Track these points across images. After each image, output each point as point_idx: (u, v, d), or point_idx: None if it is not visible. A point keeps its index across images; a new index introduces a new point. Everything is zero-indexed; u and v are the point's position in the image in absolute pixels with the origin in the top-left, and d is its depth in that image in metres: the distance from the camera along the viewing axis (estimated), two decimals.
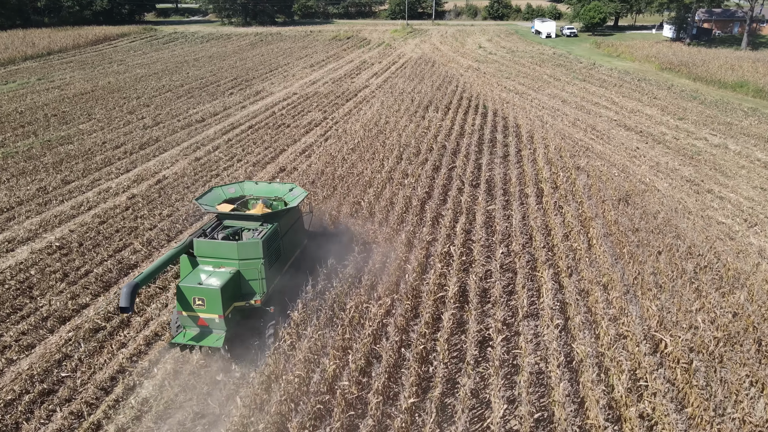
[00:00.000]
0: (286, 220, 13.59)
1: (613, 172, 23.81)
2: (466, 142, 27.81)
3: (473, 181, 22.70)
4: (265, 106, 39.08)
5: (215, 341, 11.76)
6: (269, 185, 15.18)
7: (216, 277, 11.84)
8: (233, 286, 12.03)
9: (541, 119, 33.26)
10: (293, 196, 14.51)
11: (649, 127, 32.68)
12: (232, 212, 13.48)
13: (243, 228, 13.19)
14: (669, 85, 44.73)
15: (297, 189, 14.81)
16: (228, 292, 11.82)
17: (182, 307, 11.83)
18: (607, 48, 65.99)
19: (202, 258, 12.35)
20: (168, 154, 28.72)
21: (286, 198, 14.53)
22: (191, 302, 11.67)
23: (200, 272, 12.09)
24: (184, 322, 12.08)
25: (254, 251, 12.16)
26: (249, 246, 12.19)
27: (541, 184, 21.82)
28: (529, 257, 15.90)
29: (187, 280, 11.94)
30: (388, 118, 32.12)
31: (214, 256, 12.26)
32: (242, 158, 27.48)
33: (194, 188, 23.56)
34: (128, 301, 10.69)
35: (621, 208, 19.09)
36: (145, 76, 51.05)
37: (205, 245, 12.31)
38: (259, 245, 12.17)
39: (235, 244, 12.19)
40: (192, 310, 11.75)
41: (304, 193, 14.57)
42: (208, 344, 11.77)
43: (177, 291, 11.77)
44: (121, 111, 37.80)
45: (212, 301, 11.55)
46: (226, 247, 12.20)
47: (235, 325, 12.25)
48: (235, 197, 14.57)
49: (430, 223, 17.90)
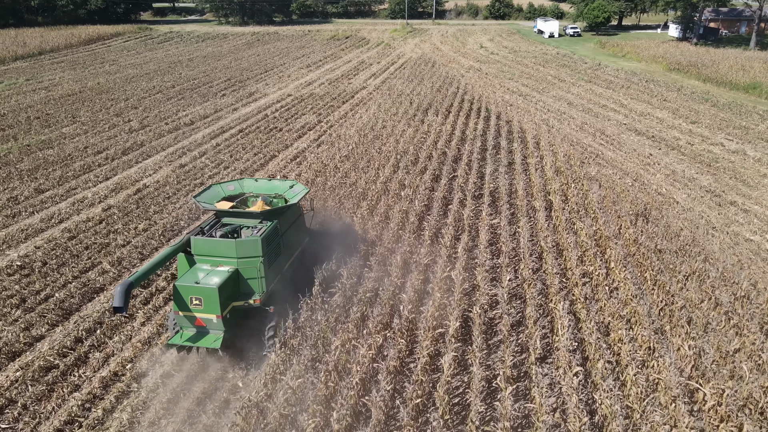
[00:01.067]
0: (286, 218, 13.23)
1: (627, 182, 22.04)
2: (468, 149, 26.01)
3: (476, 193, 20.90)
4: (258, 108, 37.37)
5: (213, 342, 11.39)
6: (269, 182, 14.77)
7: (214, 276, 11.48)
8: (231, 285, 11.68)
9: (547, 123, 31.51)
10: (294, 193, 14.08)
11: (660, 131, 30.92)
12: (231, 210, 13.10)
13: (242, 226, 12.87)
14: (678, 87, 42.95)
15: (298, 186, 14.40)
16: (226, 291, 11.47)
17: (179, 307, 11.47)
18: (612, 48, 64.21)
19: (200, 256, 12.03)
20: (151, 161, 27.01)
21: (287, 195, 14.12)
22: (188, 302, 11.32)
23: (198, 271, 11.74)
24: (181, 322, 11.70)
25: (253, 249, 11.82)
26: (248, 244, 11.85)
27: (550, 196, 19.99)
28: (540, 285, 14.15)
29: (184, 278, 11.57)
30: (385, 122, 30.33)
31: (212, 255, 11.93)
32: (229, 165, 25.76)
33: (175, 198, 21.85)
34: (122, 301, 10.36)
35: (639, 225, 17.31)
36: (136, 76, 49.37)
37: (203, 243, 11.97)
38: (258, 243, 11.81)
39: (233, 242, 11.83)
40: (189, 310, 11.41)
41: (305, 189, 14.16)
42: (205, 345, 11.40)
43: (173, 290, 11.40)
44: (107, 113, 36.11)
45: (210, 301, 11.20)
46: (225, 245, 11.86)
47: (234, 325, 11.86)
48: (234, 194, 14.18)
49: (429, 241, 16.14)
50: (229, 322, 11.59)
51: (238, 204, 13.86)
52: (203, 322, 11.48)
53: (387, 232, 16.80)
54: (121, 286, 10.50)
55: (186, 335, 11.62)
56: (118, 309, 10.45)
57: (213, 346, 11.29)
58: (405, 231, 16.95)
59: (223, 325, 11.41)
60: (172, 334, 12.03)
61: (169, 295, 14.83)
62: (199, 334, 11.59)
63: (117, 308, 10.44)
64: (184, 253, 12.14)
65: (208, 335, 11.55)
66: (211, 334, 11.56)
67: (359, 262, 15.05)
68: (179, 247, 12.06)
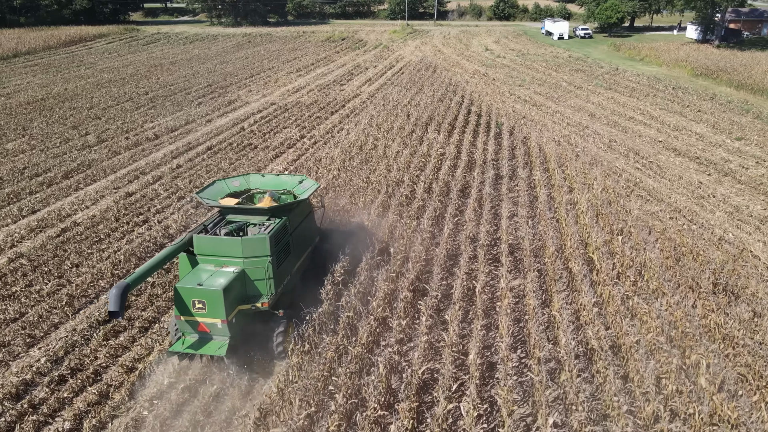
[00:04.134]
0: (295, 215, 12.43)
1: (681, 225, 17.27)
2: (477, 179, 20.82)
3: (490, 249, 15.40)
4: (235, 119, 32.83)
5: (217, 349, 10.59)
6: (277, 177, 14.16)
7: (218, 277, 10.75)
8: (237, 287, 10.95)
9: (569, 140, 26.81)
10: (303, 188, 13.33)
11: (704, 150, 26.19)
12: (237, 206, 12.33)
13: (248, 223, 12.13)
14: (710, 95, 38.21)
15: (307, 181, 13.68)
16: (231, 294, 10.70)
17: (180, 312, 10.74)
18: (628, 51, 59.51)
19: (203, 256, 11.33)
20: (95, 187, 22.46)
21: (296, 191, 13.41)
22: (190, 306, 10.59)
23: (200, 272, 11.04)
24: (183, 327, 10.94)
25: (261, 248, 11.10)
26: (255, 242, 11.14)
27: (591, 252, 14.96)
28: (601, 429, 9.32)
29: (186, 280, 10.84)
30: (376, 141, 25.50)
31: (216, 254, 11.23)
32: (185, 195, 21.17)
33: (104, 243, 17.24)
34: (118, 304, 9.60)
35: (722, 302, 12.49)
36: (109, 81, 45.06)
37: (206, 242, 11.28)
38: (266, 241, 11.09)
39: (239, 241, 11.15)
40: (191, 315, 10.67)
41: (316, 185, 13.44)
42: (209, 353, 10.60)
43: (174, 293, 10.68)
44: (63, 125, 31.69)
45: (214, 305, 10.45)
46: (230, 244, 11.16)
47: (240, 331, 11.01)
48: (239, 191, 13.45)
49: (425, 342, 11.23)
50: (234, 328, 10.76)
51: (243, 201, 13.03)
52: (207, 328, 10.73)
53: (365, 323, 11.86)
54: (117, 289, 9.66)
55: (188, 342, 10.82)
56: (113, 314, 9.69)
57: (218, 353, 10.50)
58: (393, 316, 12.15)
59: (228, 330, 10.63)
60: (174, 340, 11.19)
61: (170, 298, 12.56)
62: (203, 340, 10.81)
63: (112, 312, 9.67)
64: (186, 253, 11.36)
65: (212, 342, 10.76)
66: (216, 340, 10.78)
67: (318, 388, 10.24)
68: (181, 246, 11.19)
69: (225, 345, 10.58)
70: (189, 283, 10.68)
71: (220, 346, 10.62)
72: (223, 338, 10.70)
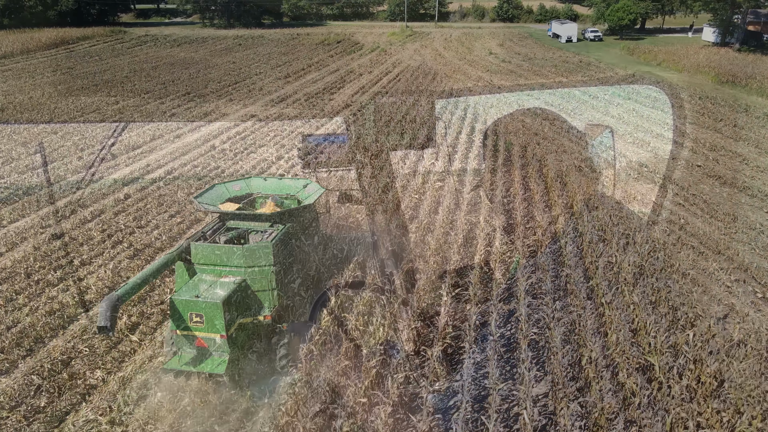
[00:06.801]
0: (300, 221, 11.83)
1: (757, 296, 13.19)
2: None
3: None
4: (207, 135, 28.93)
5: (216, 366, 9.75)
6: (280, 181, 13.52)
7: (217, 289, 10.04)
8: (238, 298, 10.15)
9: (592, 166, 22.75)
10: (308, 193, 12.73)
11: (752, 177, 22.08)
12: (238, 212, 11.70)
13: (250, 230, 11.43)
14: (744, 107, 34.15)
15: (312, 185, 13.03)
16: (232, 306, 9.94)
17: (176, 325, 9.93)
18: (643, 55, 55.41)
19: (201, 265, 10.59)
20: (19, 225, 18.49)
21: (300, 196, 12.81)
22: (187, 319, 9.79)
23: (199, 283, 10.34)
24: (179, 343, 10.09)
25: (263, 256, 10.41)
26: (257, 250, 10.43)
27: (651, 358, 10.71)
28: None
29: (183, 292, 10.13)
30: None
31: (216, 263, 10.49)
32: (123, 239, 17.19)
33: (9, 307, 13.25)
34: (108, 319, 8.59)
35: None
36: (78, 89, 41.25)
37: (205, 250, 10.50)
38: (269, 249, 10.41)
39: (240, 249, 10.43)
40: (188, 329, 9.86)
41: (321, 189, 12.74)
42: (207, 370, 9.74)
43: (170, 305, 9.94)
44: (9, 143, 27.79)
45: (212, 318, 9.69)
46: (230, 252, 10.43)
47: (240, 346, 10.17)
48: (240, 195, 12.73)
49: None
50: (235, 342, 9.96)
51: (245, 206, 12.48)
52: (205, 343, 9.91)
53: None
54: (107, 301, 8.75)
55: (185, 358, 9.99)
56: (102, 329, 8.64)
57: (216, 371, 9.66)
58: None
59: (228, 345, 9.81)
60: (169, 356, 10.26)
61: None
62: (201, 356, 9.96)
63: (102, 328, 8.63)
64: (182, 262, 10.60)
65: (210, 358, 9.92)
66: (214, 356, 9.93)
67: None
68: (177, 255, 10.47)
69: (224, 361, 9.82)
70: (186, 294, 10.05)
71: (219, 362, 9.85)
72: (223, 354, 9.92)
